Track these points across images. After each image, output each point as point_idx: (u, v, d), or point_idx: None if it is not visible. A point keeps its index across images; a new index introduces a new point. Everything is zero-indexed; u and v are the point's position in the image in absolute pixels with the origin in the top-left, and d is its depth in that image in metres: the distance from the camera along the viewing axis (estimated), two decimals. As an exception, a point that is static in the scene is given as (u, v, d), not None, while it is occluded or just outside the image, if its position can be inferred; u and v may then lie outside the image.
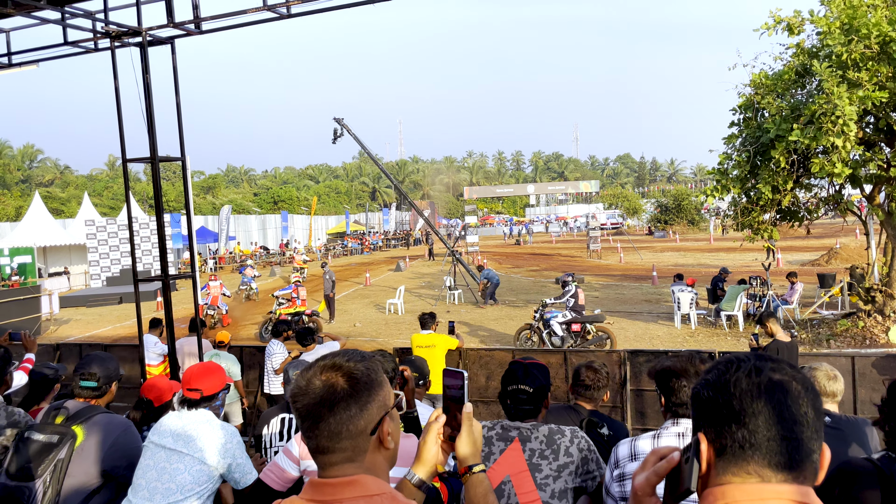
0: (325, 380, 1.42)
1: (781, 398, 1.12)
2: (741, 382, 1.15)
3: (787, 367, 1.17)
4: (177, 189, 67.96)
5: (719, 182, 13.19)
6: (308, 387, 1.42)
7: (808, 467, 1.12)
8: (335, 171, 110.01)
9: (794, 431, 1.11)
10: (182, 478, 3.08)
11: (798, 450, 1.10)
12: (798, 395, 1.13)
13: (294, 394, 1.43)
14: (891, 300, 12.90)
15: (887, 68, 11.07)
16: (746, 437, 1.11)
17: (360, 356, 1.49)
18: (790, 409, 1.12)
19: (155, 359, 9.63)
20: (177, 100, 6.99)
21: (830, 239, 32.72)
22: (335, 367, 1.44)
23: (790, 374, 1.16)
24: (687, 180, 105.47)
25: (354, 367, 1.44)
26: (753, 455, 1.11)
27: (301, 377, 1.45)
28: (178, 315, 19.85)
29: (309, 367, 1.47)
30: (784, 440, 1.10)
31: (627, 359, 8.25)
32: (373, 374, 1.46)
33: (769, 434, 1.10)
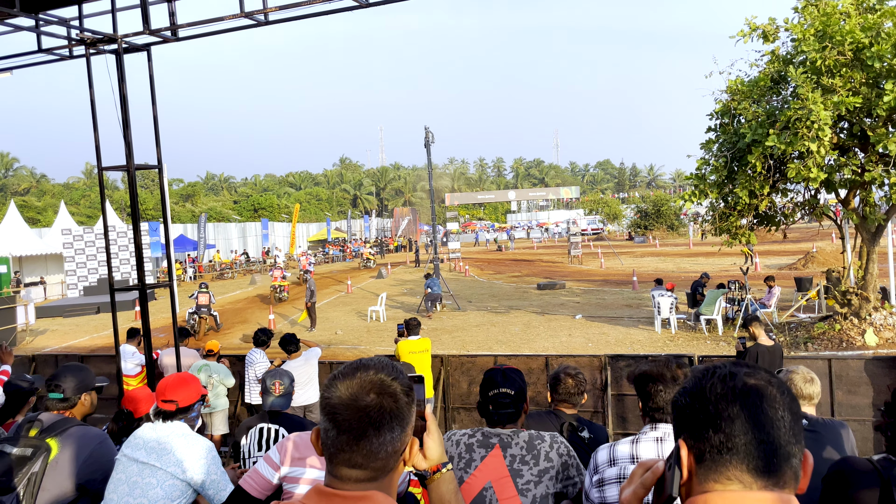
0: (373, 398, 1.38)
1: (757, 402, 1.13)
2: (716, 388, 1.15)
3: (762, 372, 1.18)
4: (155, 197, 67.34)
5: (697, 187, 13.33)
6: (355, 401, 1.37)
7: (787, 472, 1.12)
8: (316, 179, 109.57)
9: (770, 435, 1.11)
10: (154, 492, 3.02)
11: (776, 453, 1.11)
12: (773, 398, 1.14)
13: (335, 405, 1.38)
14: (866, 303, 13.09)
15: (860, 74, 11.26)
16: (723, 442, 1.12)
17: (397, 371, 1.46)
18: (766, 412, 1.12)
19: (132, 369, 9.50)
20: (153, 108, 6.93)
21: (807, 243, 33.18)
22: (383, 384, 1.41)
23: (765, 379, 1.16)
24: (666, 186, 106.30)
25: (400, 388, 1.42)
26: (732, 460, 1.11)
27: (342, 386, 1.39)
28: (157, 325, 19.67)
29: (346, 374, 1.42)
30: (761, 444, 1.10)
31: (608, 363, 8.29)
32: (411, 393, 1.46)
33: (746, 438, 1.11)
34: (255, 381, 8.46)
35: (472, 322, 18.67)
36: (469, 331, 17.33)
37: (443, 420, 8.98)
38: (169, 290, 7.58)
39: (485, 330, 17.26)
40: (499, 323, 18.14)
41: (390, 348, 14.16)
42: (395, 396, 1.40)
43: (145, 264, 6.82)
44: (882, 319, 12.99)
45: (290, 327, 19.50)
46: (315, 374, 8.03)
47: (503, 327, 17.42)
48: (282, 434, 3.98)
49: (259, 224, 54.24)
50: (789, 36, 12.58)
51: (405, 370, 3.58)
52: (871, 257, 13.15)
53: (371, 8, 6.16)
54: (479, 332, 16.97)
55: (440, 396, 8.94)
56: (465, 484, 2.73)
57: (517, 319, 18.53)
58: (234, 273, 41.09)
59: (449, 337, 16.43)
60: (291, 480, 3.01)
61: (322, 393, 1.43)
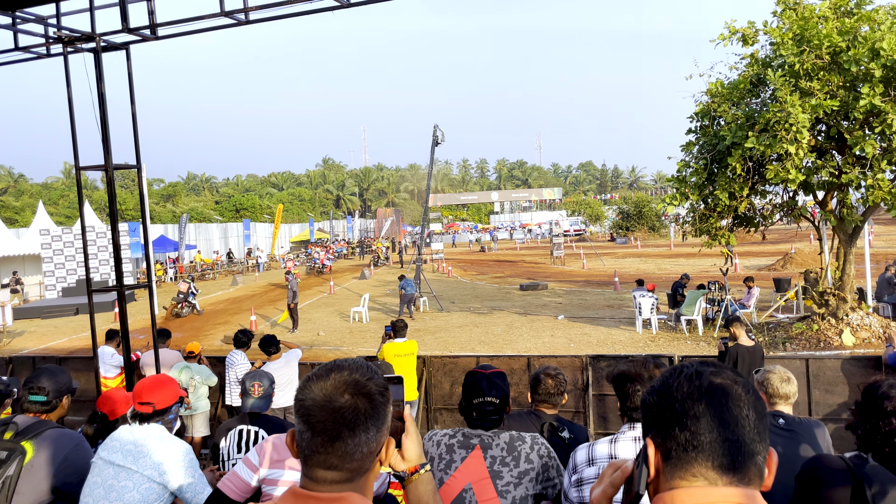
0: (347, 399, 1.37)
1: (722, 400, 1.14)
2: (682, 387, 1.17)
3: (728, 371, 1.19)
4: (136, 197, 66.63)
5: (678, 190, 13.43)
6: (329, 403, 1.36)
7: (752, 469, 1.13)
8: (299, 179, 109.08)
9: (735, 433, 1.12)
10: (130, 496, 2.99)
11: (740, 451, 1.12)
12: (739, 397, 1.15)
13: (309, 406, 1.37)
14: (844, 304, 13.26)
15: (838, 78, 11.41)
16: (689, 440, 1.13)
17: (372, 371, 1.45)
18: (731, 411, 1.13)
19: (111, 371, 9.40)
20: (132, 107, 6.86)
21: (786, 244, 33.55)
22: (357, 385, 1.39)
23: (731, 378, 1.18)
24: (648, 187, 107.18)
25: (375, 389, 1.41)
26: (697, 457, 1.12)
27: (316, 388, 1.38)
28: (137, 326, 19.49)
29: (320, 376, 1.41)
30: (726, 442, 1.12)
31: (589, 364, 8.33)
32: (386, 393, 1.45)
33: (711, 436, 1.12)
34: (236, 382, 8.40)
35: (455, 323, 18.67)
36: (452, 331, 17.34)
37: (425, 421, 8.97)
38: (148, 291, 7.51)
39: (468, 331, 17.28)
40: (481, 324, 18.16)
41: (373, 349, 14.14)
42: (370, 397, 1.40)
43: (125, 265, 6.76)
44: (859, 320, 13.16)
45: (270, 328, 19.40)
46: (295, 375, 7.98)
47: (486, 328, 17.45)
48: (261, 436, 3.95)
49: (241, 225, 53.86)
50: (768, 39, 12.73)
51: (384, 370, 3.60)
52: (848, 258, 13.32)
53: (353, 8, 6.15)
54: (461, 333, 16.98)
55: (422, 397, 8.93)
56: (444, 485, 2.72)
57: (500, 320, 18.56)
58: (216, 274, 40.78)
59: (432, 338, 16.42)
60: (270, 482, 3.00)
61: (296, 395, 1.41)
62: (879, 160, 11.37)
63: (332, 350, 15.85)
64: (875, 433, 2.12)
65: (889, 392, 2.16)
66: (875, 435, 2.12)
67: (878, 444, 2.11)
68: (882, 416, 2.12)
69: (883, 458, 2.09)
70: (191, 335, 18.71)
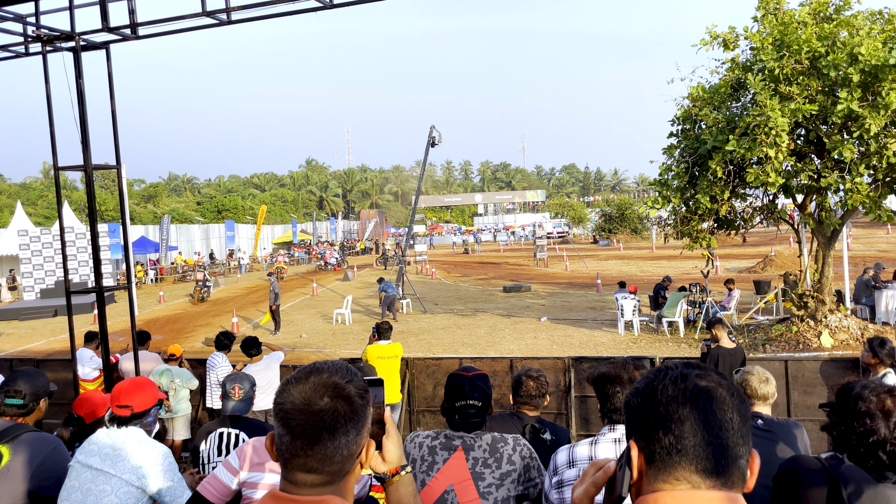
0: (327, 402, 1.36)
1: (707, 404, 1.14)
2: (667, 389, 1.17)
3: (712, 373, 1.19)
4: (116, 198, 65.92)
5: (660, 193, 13.53)
6: (308, 406, 1.35)
7: (735, 472, 1.13)
8: (281, 180, 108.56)
9: (719, 437, 1.12)
10: (108, 500, 2.95)
11: (724, 455, 1.12)
12: (723, 400, 1.15)
13: (288, 410, 1.36)
14: (822, 306, 13.42)
15: (817, 82, 11.56)
16: (673, 444, 1.13)
17: (352, 374, 1.44)
18: (715, 414, 1.13)
19: (91, 374, 9.28)
20: (112, 106, 6.79)
21: (766, 247, 33.91)
22: (336, 387, 1.38)
23: (716, 381, 1.18)
24: (630, 190, 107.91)
25: (354, 391, 1.40)
26: (681, 461, 1.12)
27: (295, 391, 1.37)
28: (118, 328, 19.28)
29: (299, 378, 1.40)
30: (710, 445, 1.12)
31: (572, 365, 8.36)
32: (366, 395, 1.44)
33: (695, 440, 1.12)
34: (217, 385, 8.33)
35: (439, 324, 18.67)
36: (435, 333, 17.33)
37: (408, 423, 8.96)
38: (128, 293, 7.43)
39: (451, 332, 17.28)
40: (465, 325, 18.17)
41: (356, 351, 14.10)
42: (350, 399, 1.39)
43: (105, 266, 6.67)
44: (837, 322, 13.33)
45: (252, 330, 19.27)
46: (276, 378, 7.92)
47: (469, 330, 17.47)
48: (242, 439, 3.93)
49: (223, 226, 53.52)
50: (749, 44, 12.87)
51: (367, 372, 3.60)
52: (827, 261, 13.48)
53: (336, 9, 6.13)
54: (445, 335, 16.98)
55: (405, 399, 8.92)
56: (427, 487, 2.72)
57: (483, 322, 18.58)
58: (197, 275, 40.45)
59: (415, 339, 16.41)
60: (250, 486, 2.98)
61: (275, 398, 1.40)
62: (857, 164, 11.52)
63: (314, 352, 15.78)
64: (850, 434, 2.15)
65: (863, 393, 2.18)
66: (850, 435, 2.15)
67: (854, 445, 2.13)
68: (856, 417, 2.14)
69: (858, 458, 2.12)
70: (172, 337, 18.56)
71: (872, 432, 2.09)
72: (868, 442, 2.09)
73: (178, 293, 31.85)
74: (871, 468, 2.07)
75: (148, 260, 41.05)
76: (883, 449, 2.06)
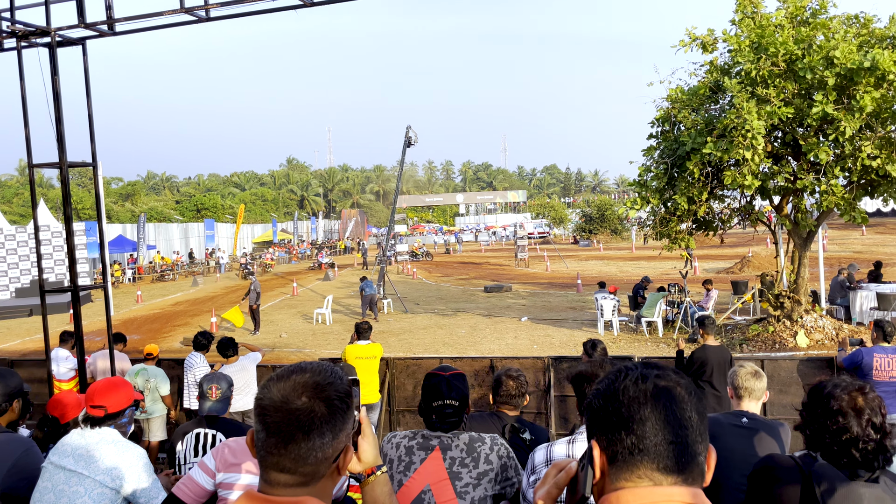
0: (304, 401, 1.35)
1: (667, 403, 1.16)
2: (629, 390, 1.18)
3: (671, 373, 1.21)
4: (93, 196, 65.11)
5: (639, 194, 13.63)
6: (285, 404, 1.34)
7: (694, 469, 1.15)
8: (262, 179, 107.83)
9: (679, 435, 1.14)
10: (82, 501, 2.91)
11: (684, 453, 1.14)
12: (682, 399, 1.17)
13: (266, 406, 1.35)
14: (798, 306, 13.59)
15: (793, 85, 11.70)
16: (635, 443, 1.14)
17: (335, 375, 1.43)
18: (675, 414, 1.15)
19: (66, 374, 9.15)
20: (88, 103, 6.70)
21: (743, 248, 34.29)
22: (316, 388, 1.37)
23: (674, 381, 1.19)
24: (610, 191, 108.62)
25: (335, 393, 1.39)
26: (642, 460, 1.14)
27: (275, 388, 1.36)
28: (94, 328, 19.04)
29: (282, 377, 1.39)
30: (671, 444, 1.13)
31: (551, 365, 8.39)
32: (348, 399, 1.42)
33: (656, 439, 1.13)
34: (195, 385, 8.25)
35: (419, 324, 18.65)
36: (416, 333, 17.32)
37: (387, 423, 8.94)
38: (104, 292, 7.34)
39: (432, 332, 17.27)
40: (446, 325, 18.17)
41: (337, 351, 14.04)
42: (329, 401, 1.37)
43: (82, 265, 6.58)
44: (812, 322, 13.51)
45: (231, 332, 19.12)
46: (252, 379, 7.83)
47: (450, 329, 17.47)
48: (219, 439, 3.89)
49: (202, 225, 53.03)
50: (727, 47, 12.99)
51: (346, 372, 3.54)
52: (803, 262, 13.66)
53: (316, 7, 6.10)
54: (425, 335, 16.97)
55: (385, 399, 8.90)
56: (403, 487, 2.71)
57: (464, 322, 18.60)
58: (176, 275, 40.08)
59: (395, 339, 16.38)
60: (226, 486, 2.95)
61: (257, 395, 1.39)
62: (833, 167, 11.69)
63: (294, 352, 15.70)
64: (823, 432, 2.17)
65: (834, 392, 2.21)
66: (823, 434, 2.17)
67: (826, 443, 2.16)
68: (829, 416, 2.17)
69: (831, 456, 2.15)
70: (150, 337, 18.36)
71: (845, 430, 2.11)
72: (841, 440, 2.12)
73: (157, 293, 31.54)
74: (844, 466, 2.10)
75: (126, 259, 40.53)
76: (855, 447, 2.09)
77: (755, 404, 3.68)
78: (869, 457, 2.07)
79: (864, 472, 2.07)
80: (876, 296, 14.44)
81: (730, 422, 3.50)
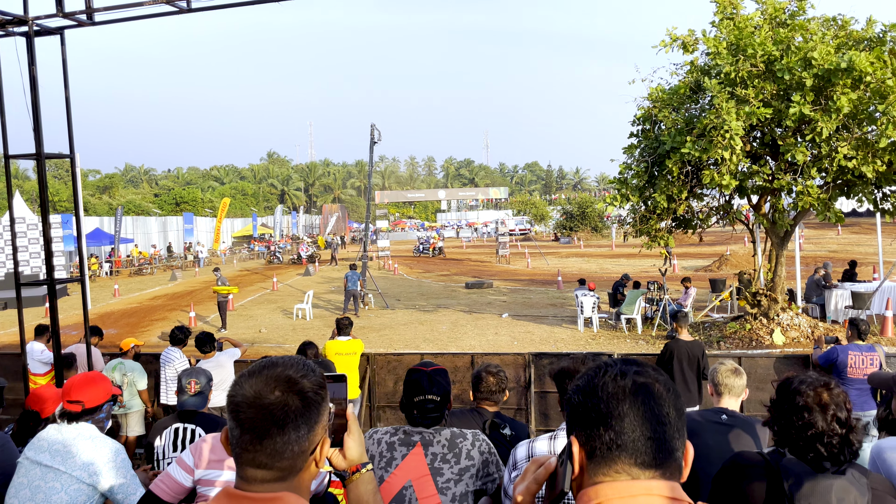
0: (278, 395, 1.33)
1: (646, 399, 1.17)
2: (608, 386, 1.19)
3: (650, 370, 1.23)
4: (70, 188, 64.20)
5: (619, 192, 13.71)
6: (258, 399, 1.33)
7: (671, 465, 1.17)
8: (242, 173, 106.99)
9: (657, 431, 1.15)
10: (58, 497, 2.87)
11: (662, 448, 1.15)
12: (661, 396, 1.18)
13: (238, 403, 1.34)
14: (775, 304, 13.76)
15: (771, 86, 11.82)
16: (613, 439, 1.15)
17: (308, 368, 1.41)
18: (653, 410, 1.17)
19: (41, 368, 9.03)
20: (66, 94, 6.60)
21: (721, 246, 34.65)
22: (289, 382, 1.36)
23: (653, 377, 1.21)
24: (591, 188, 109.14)
25: (308, 386, 1.37)
26: (621, 455, 1.15)
27: (247, 384, 1.35)
28: (71, 321, 18.79)
29: (253, 372, 1.38)
30: (648, 440, 1.15)
31: (532, 361, 8.43)
32: (322, 391, 1.41)
33: (634, 435, 1.15)
34: (173, 380, 8.17)
35: (400, 320, 18.64)
36: (397, 329, 17.30)
37: (368, 419, 8.93)
38: (81, 286, 7.24)
39: (413, 328, 17.26)
40: (427, 321, 18.17)
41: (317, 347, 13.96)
42: (303, 394, 1.36)
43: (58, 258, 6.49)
44: (789, 320, 13.69)
45: (209, 325, 18.97)
46: (229, 376, 7.74)
47: (431, 326, 17.47)
48: (198, 434, 3.86)
49: (180, 218, 52.46)
50: (706, 49, 13.10)
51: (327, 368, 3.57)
52: (780, 261, 13.83)
53: (297, 0, 6.06)
54: (406, 331, 16.96)
55: (366, 395, 8.89)
56: (385, 483, 2.72)
57: (445, 318, 18.61)
58: (154, 269, 39.66)
59: (376, 335, 16.35)
60: (207, 483, 2.93)
61: (229, 391, 1.38)
62: (809, 167, 11.84)
63: (274, 347, 15.62)
64: (790, 428, 2.21)
65: (800, 388, 2.25)
66: (790, 429, 2.21)
67: (793, 438, 2.20)
68: (795, 412, 2.20)
69: (798, 451, 2.18)
70: (127, 331, 18.16)
71: (810, 426, 2.15)
72: (806, 435, 2.15)
73: (134, 287, 31.20)
74: (811, 461, 2.14)
75: (111, 251, 39.99)
76: (821, 441, 2.13)
77: (735, 401, 3.72)
78: (834, 451, 2.11)
79: (830, 466, 2.11)
80: (851, 294, 14.67)
81: (709, 419, 3.54)
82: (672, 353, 7.51)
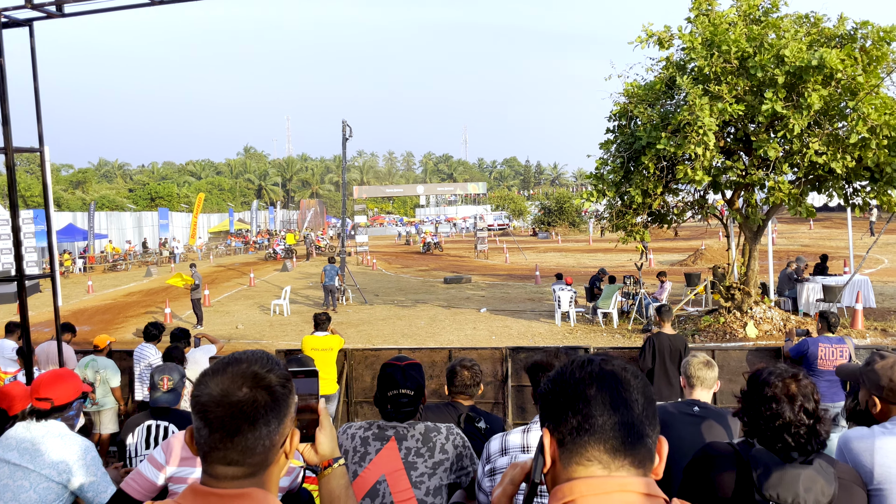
0: (246, 392, 1.32)
1: (612, 384, 1.19)
2: (575, 374, 1.22)
3: (617, 360, 1.25)
4: (41, 183, 63.09)
5: (596, 187, 13.80)
6: (226, 397, 1.31)
7: (642, 451, 1.18)
8: (218, 168, 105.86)
9: (625, 415, 1.17)
10: (27, 496, 2.84)
11: (630, 433, 1.17)
12: (628, 382, 1.20)
13: (205, 403, 1.32)
14: (748, 297, 13.96)
15: (744, 82, 11.96)
16: (581, 423, 1.17)
17: (272, 362, 1.41)
18: (620, 394, 1.18)
19: (11, 365, 8.88)
20: (35, 86, 6.47)
21: (696, 241, 35.00)
22: (256, 377, 1.35)
23: (620, 366, 1.23)
24: (569, 184, 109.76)
25: (275, 380, 1.37)
26: (589, 440, 1.16)
27: (213, 383, 1.34)
28: (43, 318, 18.49)
29: (217, 370, 1.37)
30: (616, 424, 1.16)
31: (509, 355, 8.46)
32: (288, 384, 1.41)
33: (602, 419, 1.16)
34: (147, 376, 8.08)
35: (379, 316, 18.61)
36: (375, 324, 17.27)
37: (345, 414, 8.91)
38: (51, 282, 7.12)
39: (391, 323, 17.25)
40: (405, 316, 18.16)
41: (294, 342, 13.91)
42: (271, 389, 1.36)
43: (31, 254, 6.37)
44: (762, 313, 13.89)
45: (185, 322, 18.79)
46: None
47: (409, 321, 17.47)
48: (171, 431, 3.83)
49: (156, 214, 51.81)
50: (681, 45, 13.21)
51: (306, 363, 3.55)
52: (753, 255, 14.03)
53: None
54: (385, 326, 16.93)
55: (343, 390, 8.86)
56: (359, 477, 2.71)
57: (423, 313, 18.62)
58: (128, 265, 39.15)
59: (354, 331, 16.31)
60: (179, 481, 2.90)
61: (192, 391, 1.37)
62: (781, 163, 12.00)
63: (251, 343, 15.51)
64: (758, 418, 2.25)
65: (769, 379, 2.29)
66: (758, 420, 2.25)
67: (762, 429, 2.24)
68: (763, 402, 2.24)
69: (766, 441, 2.22)
70: (101, 328, 17.92)
71: (778, 416, 2.19)
72: (774, 426, 2.19)
73: (109, 283, 30.78)
74: (779, 451, 2.18)
75: (87, 246, 39.37)
76: (788, 432, 2.17)
77: (707, 393, 3.76)
78: (802, 441, 2.15)
79: (797, 455, 2.15)
80: (822, 288, 14.92)
81: (681, 410, 3.58)
82: (654, 347, 7.55)
